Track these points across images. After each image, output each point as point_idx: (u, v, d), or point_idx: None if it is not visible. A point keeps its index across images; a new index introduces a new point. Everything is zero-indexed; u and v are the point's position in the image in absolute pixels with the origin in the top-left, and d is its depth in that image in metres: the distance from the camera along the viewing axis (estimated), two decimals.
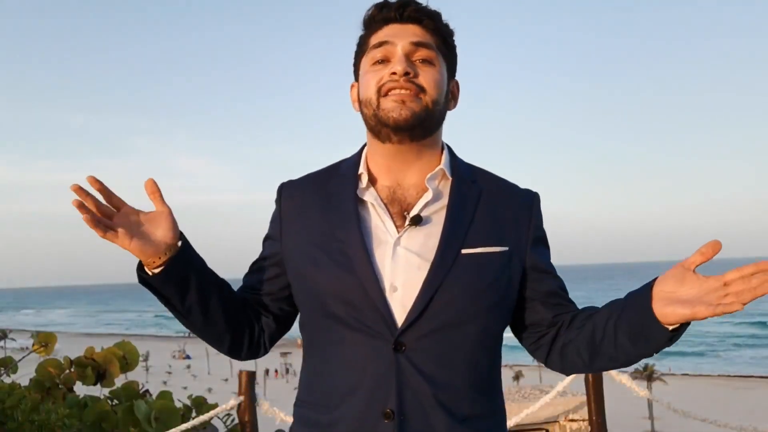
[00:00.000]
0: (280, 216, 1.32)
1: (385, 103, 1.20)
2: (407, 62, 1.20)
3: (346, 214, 1.23)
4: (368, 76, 1.23)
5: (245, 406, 3.29)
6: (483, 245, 1.21)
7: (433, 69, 1.22)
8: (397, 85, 1.19)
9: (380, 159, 1.26)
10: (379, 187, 1.26)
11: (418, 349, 1.15)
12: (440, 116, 1.25)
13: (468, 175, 1.28)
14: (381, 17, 1.25)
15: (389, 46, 1.22)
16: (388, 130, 1.20)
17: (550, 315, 1.26)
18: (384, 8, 1.26)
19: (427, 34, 1.24)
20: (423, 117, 1.20)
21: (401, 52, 1.21)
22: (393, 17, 1.24)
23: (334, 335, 1.20)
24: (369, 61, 1.24)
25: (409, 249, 1.20)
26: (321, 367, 1.23)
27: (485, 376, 1.22)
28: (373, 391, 1.16)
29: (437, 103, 1.22)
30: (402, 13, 1.24)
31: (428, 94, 1.20)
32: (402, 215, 1.22)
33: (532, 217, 1.28)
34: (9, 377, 3.68)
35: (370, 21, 1.27)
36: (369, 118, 1.23)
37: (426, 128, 1.22)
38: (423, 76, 1.21)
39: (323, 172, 1.34)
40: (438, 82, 1.22)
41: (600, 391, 3.38)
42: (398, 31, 1.23)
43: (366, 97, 1.23)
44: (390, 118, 1.19)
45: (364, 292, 1.17)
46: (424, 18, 1.24)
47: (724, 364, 53.90)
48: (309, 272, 1.22)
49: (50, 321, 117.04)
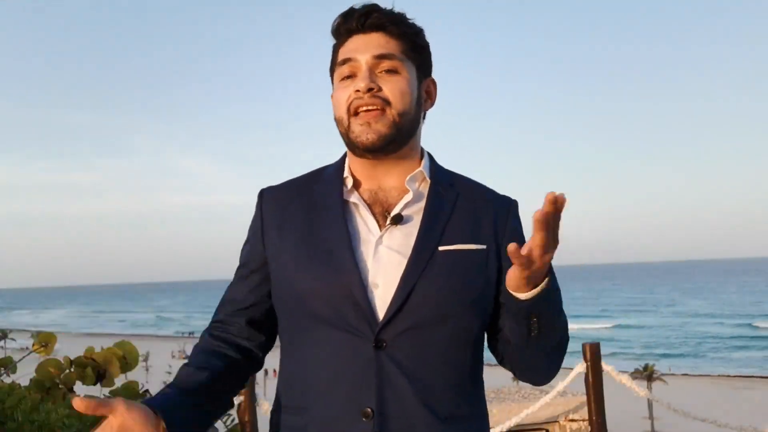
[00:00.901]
0: (261, 220, 1.32)
1: (354, 126, 1.22)
2: (370, 77, 1.21)
3: (333, 215, 1.24)
4: (338, 93, 1.25)
5: (245, 406, 3.29)
6: (460, 242, 1.22)
7: (398, 77, 1.23)
8: (362, 102, 1.21)
9: (360, 167, 1.29)
10: (362, 189, 1.28)
11: (398, 346, 1.16)
12: (411, 125, 1.26)
13: (446, 179, 1.31)
14: (345, 29, 1.26)
15: (354, 63, 1.23)
16: (360, 150, 1.23)
17: None
18: (347, 18, 1.26)
19: (392, 40, 1.24)
20: (391, 136, 1.22)
21: (365, 66, 1.22)
22: (355, 28, 1.25)
23: (314, 335, 1.20)
24: (338, 77, 1.26)
25: (390, 247, 1.21)
26: (298, 369, 1.23)
27: (466, 376, 1.22)
28: (351, 389, 1.15)
29: (404, 114, 1.23)
30: (364, 23, 1.24)
31: (393, 107, 1.22)
32: (384, 215, 1.24)
33: (509, 221, 1.29)
34: (8, 377, 3.68)
35: (337, 32, 1.28)
36: (342, 136, 1.26)
37: (398, 142, 1.24)
38: (387, 87, 1.22)
39: (306, 177, 1.35)
40: (403, 90, 1.23)
41: (600, 391, 3.39)
42: (361, 45, 1.24)
43: (338, 116, 1.25)
44: (359, 142, 1.21)
45: (347, 290, 1.17)
46: (388, 24, 1.24)
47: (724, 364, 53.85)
48: (292, 272, 1.23)
49: (50, 321, 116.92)
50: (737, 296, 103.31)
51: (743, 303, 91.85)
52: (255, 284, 1.31)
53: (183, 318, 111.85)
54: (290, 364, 1.26)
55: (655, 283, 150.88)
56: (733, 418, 3.42)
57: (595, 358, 3.35)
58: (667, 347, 62.53)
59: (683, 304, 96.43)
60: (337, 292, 1.18)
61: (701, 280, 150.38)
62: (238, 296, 1.32)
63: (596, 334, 63.73)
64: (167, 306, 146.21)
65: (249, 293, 1.31)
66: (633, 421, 33.61)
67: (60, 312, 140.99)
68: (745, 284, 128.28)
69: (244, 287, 1.32)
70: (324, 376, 1.18)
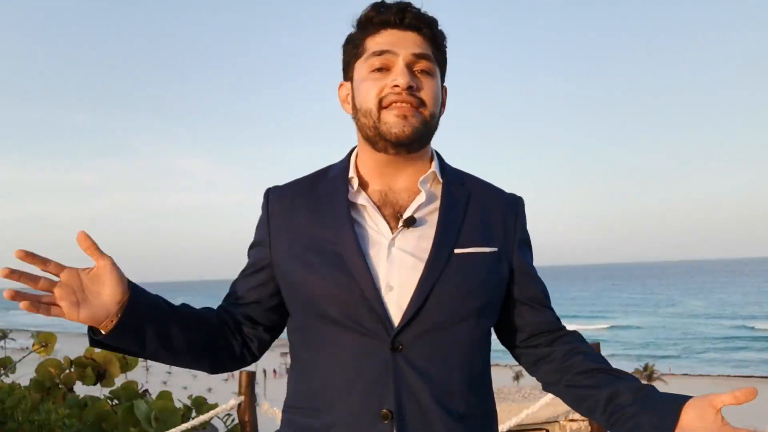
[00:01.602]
0: (268, 221, 1.30)
1: (387, 117, 1.19)
2: (410, 75, 1.19)
3: (339, 217, 1.23)
4: (367, 84, 1.21)
5: (245, 406, 3.29)
6: (474, 245, 1.22)
7: (433, 81, 1.22)
8: (398, 99, 1.18)
9: (372, 165, 1.26)
10: (371, 190, 1.26)
11: (414, 348, 1.15)
12: (436, 128, 1.26)
13: (457, 179, 1.30)
14: (379, 20, 1.22)
15: (390, 56, 1.20)
16: (386, 143, 1.20)
17: (536, 320, 1.29)
18: (382, 10, 1.22)
19: (426, 43, 1.23)
20: (423, 132, 1.21)
21: (403, 63, 1.19)
22: (392, 22, 1.21)
23: (328, 337, 1.19)
24: (367, 67, 1.22)
25: (403, 250, 1.20)
26: (312, 371, 1.22)
27: (479, 375, 1.23)
28: (369, 391, 1.15)
29: (434, 116, 1.23)
30: (402, 19, 1.21)
31: (428, 108, 1.21)
32: (395, 217, 1.23)
33: (518, 220, 1.30)
34: (8, 377, 3.68)
35: (367, 22, 1.24)
36: (368, 128, 1.22)
37: (423, 142, 1.24)
38: (424, 89, 1.20)
39: (311, 177, 1.34)
40: (436, 94, 1.23)
41: None
42: (399, 40, 1.21)
43: (365, 108, 1.21)
44: (392, 133, 1.18)
45: (360, 293, 1.16)
46: (423, 26, 1.22)
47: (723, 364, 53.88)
48: (302, 275, 1.21)
49: (50, 321, 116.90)
50: (737, 297, 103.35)
51: (742, 303, 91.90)
52: (257, 283, 1.30)
53: None
54: (303, 365, 1.24)
55: (654, 283, 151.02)
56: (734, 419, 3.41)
57: None
58: (666, 347, 62.58)
59: (683, 304, 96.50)
60: (349, 296, 1.17)
61: (701, 280, 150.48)
62: (238, 292, 1.32)
63: (596, 334, 63.82)
64: None
65: (250, 290, 1.30)
66: None
67: None
68: (745, 285, 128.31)
69: (246, 284, 1.31)
70: (341, 379, 1.17)
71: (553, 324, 1.30)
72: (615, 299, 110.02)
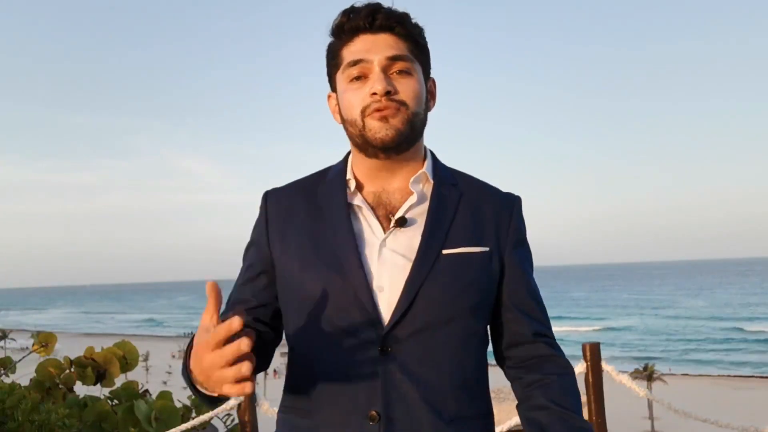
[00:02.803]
0: (267, 221, 1.30)
1: (370, 123, 1.19)
2: (386, 80, 1.19)
3: (337, 218, 1.23)
4: (348, 95, 1.22)
5: (245, 406, 3.29)
6: (464, 245, 1.22)
7: (411, 79, 1.21)
8: (378, 106, 1.18)
9: (365, 169, 1.27)
10: (366, 192, 1.27)
11: (403, 349, 1.15)
12: (421, 126, 1.25)
13: (449, 179, 1.30)
14: (350, 27, 1.22)
15: (365, 64, 1.20)
16: (375, 149, 1.21)
17: (515, 328, 1.27)
18: (352, 16, 1.21)
19: (401, 41, 1.22)
20: (407, 133, 1.20)
21: (378, 68, 1.19)
22: (363, 26, 1.21)
23: (320, 338, 1.19)
24: (345, 78, 1.22)
25: (394, 250, 1.20)
26: (305, 372, 1.22)
27: (471, 377, 1.22)
28: (357, 393, 1.15)
29: (417, 114, 1.22)
30: (372, 23, 1.21)
31: (409, 108, 1.20)
32: (388, 218, 1.23)
33: (512, 220, 1.29)
34: (8, 377, 3.68)
35: (339, 30, 1.24)
36: (355, 137, 1.23)
37: (410, 141, 1.23)
38: (402, 89, 1.20)
39: (309, 179, 1.34)
40: (417, 92, 1.22)
41: (600, 391, 3.38)
42: (371, 45, 1.20)
43: (351, 118, 1.22)
44: (377, 139, 1.19)
45: (353, 294, 1.17)
46: (395, 25, 1.22)
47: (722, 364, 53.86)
48: (298, 275, 1.22)
49: (50, 321, 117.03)
50: (737, 297, 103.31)
51: (742, 304, 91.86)
52: (263, 286, 1.29)
53: (183, 318, 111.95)
54: (296, 366, 1.25)
55: (655, 283, 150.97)
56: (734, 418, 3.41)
57: (595, 358, 3.35)
58: (666, 347, 62.55)
59: (683, 304, 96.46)
60: (342, 296, 1.17)
61: (701, 280, 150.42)
62: (244, 297, 1.30)
63: (596, 335, 63.78)
64: (167, 306, 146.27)
65: (257, 294, 1.29)
66: (633, 421, 33.62)
67: (59, 312, 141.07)
68: (745, 285, 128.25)
69: (252, 289, 1.30)
70: (330, 380, 1.18)
71: (528, 336, 1.26)
72: (615, 299, 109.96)
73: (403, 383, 1.14)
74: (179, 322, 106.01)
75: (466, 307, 1.19)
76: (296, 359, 1.25)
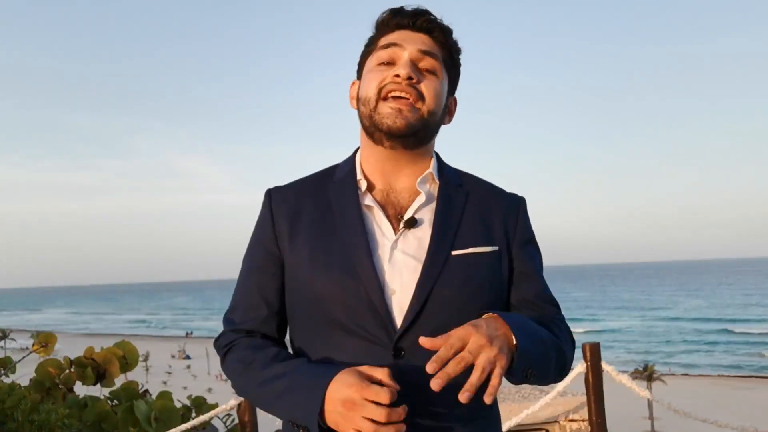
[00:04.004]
0: (272, 219, 1.28)
1: (382, 108, 1.20)
2: (412, 67, 1.21)
3: (349, 219, 1.22)
4: (371, 74, 1.24)
5: (245, 406, 3.29)
6: (473, 246, 1.22)
7: (436, 80, 1.23)
8: (398, 88, 1.19)
9: (374, 161, 1.27)
10: (375, 192, 1.27)
11: (417, 352, 1.14)
12: (435, 127, 1.26)
13: (455, 179, 1.30)
14: (394, 22, 1.27)
15: (397, 49, 1.23)
16: (381, 134, 1.21)
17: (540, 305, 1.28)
18: (398, 14, 1.26)
19: (436, 45, 1.25)
20: (418, 127, 1.21)
21: (408, 56, 1.22)
22: (406, 24, 1.26)
23: (331, 341, 1.18)
24: (375, 60, 1.25)
25: (405, 252, 1.20)
26: None
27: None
28: None
29: (434, 114, 1.23)
30: (415, 21, 1.25)
31: (426, 104, 1.21)
32: (397, 218, 1.23)
33: (519, 220, 1.29)
34: (8, 377, 3.68)
35: (383, 24, 1.28)
36: (365, 117, 1.24)
37: (420, 138, 1.23)
38: (425, 84, 1.21)
39: (315, 177, 1.33)
40: (438, 93, 1.23)
41: (600, 391, 3.38)
42: (408, 37, 1.24)
43: (365, 96, 1.23)
44: (384, 124, 1.20)
45: (366, 296, 1.16)
46: (436, 30, 1.26)
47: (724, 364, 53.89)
48: (308, 275, 1.20)
49: (50, 321, 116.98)
50: (737, 297, 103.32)
51: (742, 304, 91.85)
52: (272, 289, 1.27)
53: (183, 318, 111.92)
54: None
55: (655, 283, 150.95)
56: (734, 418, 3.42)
57: (595, 358, 3.35)
58: (666, 347, 62.54)
59: (683, 304, 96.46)
60: (355, 298, 1.16)
61: (701, 280, 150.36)
62: (253, 303, 1.28)
63: (596, 335, 63.77)
64: (167, 306, 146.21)
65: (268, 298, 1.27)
66: (633, 421, 33.61)
67: (59, 312, 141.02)
68: (744, 285, 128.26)
69: (261, 293, 1.27)
70: None
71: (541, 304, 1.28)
72: (615, 299, 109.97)
73: (416, 386, 1.13)
74: (179, 322, 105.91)
75: (478, 308, 1.19)
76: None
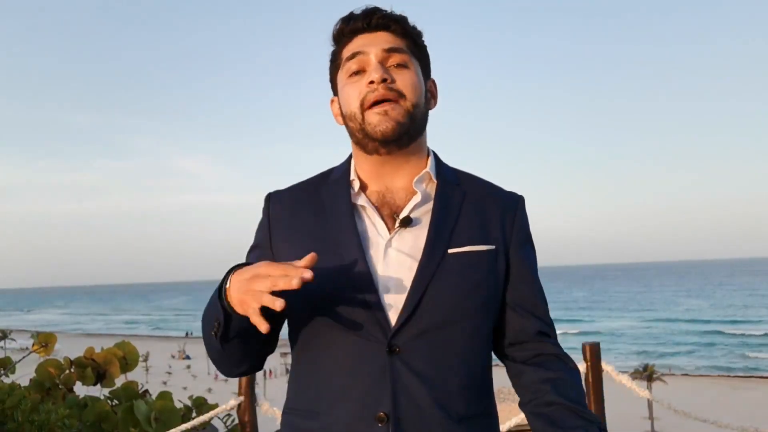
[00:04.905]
0: (269, 223, 1.30)
1: (370, 117, 1.20)
2: (383, 69, 1.21)
3: (342, 219, 1.23)
4: (347, 89, 1.24)
5: (245, 406, 3.29)
6: (469, 244, 1.22)
7: (409, 72, 1.23)
8: (377, 95, 1.19)
9: (368, 168, 1.27)
10: (370, 192, 1.27)
11: (411, 350, 1.15)
12: (422, 119, 1.26)
13: (452, 178, 1.30)
14: (349, 30, 1.26)
15: (362, 56, 1.23)
16: (376, 143, 1.22)
17: (518, 326, 1.27)
18: (350, 20, 1.26)
19: (397, 38, 1.25)
20: (407, 125, 1.21)
21: (375, 60, 1.22)
22: (361, 27, 1.25)
23: (327, 339, 1.19)
24: (345, 73, 1.25)
25: (400, 250, 1.20)
26: (311, 373, 1.22)
27: (478, 375, 1.22)
28: (365, 394, 1.15)
29: (417, 106, 1.23)
30: (369, 22, 1.25)
31: (408, 99, 1.21)
32: (392, 218, 1.23)
33: (516, 219, 1.29)
34: (8, 377, 3.68)
35: (340, 35, 1.28)
36: (356, 131, 1.24)
37: (411, 135, 1.23)
38: (400, 80, 1.22)
39: (312, 180, 1.34)
40: (415, 84, 1.23)
41: (600, 391, 3.38)
42: (368, 41, 1.24)
43: (350, 112, 1.23)
44: (377, 132, 1.20)
45: (360, 294, 1.16)
46: (392, 24, 1.25)
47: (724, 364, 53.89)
48: None
49: (50, 321, 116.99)
50: (737, 297, 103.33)
51: (743, 304, 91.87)
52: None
53: (183, 318, 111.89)
54: (302, 367, 1.24)
55: (655, 283, 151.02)
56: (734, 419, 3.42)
57: (595, 358, 3.35)
58: (666, 348, 62.56)
59: (683, 304, 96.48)
60: (349, 297, 1.17)
61: (701, 280, 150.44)
62: None
63: (596, 335, 63.79)
64: (167, 306, 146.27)
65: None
66: (633, 421, 33.61)
67: (59, 312, 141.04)
68: (745, 285, 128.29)
69: None
70: (337, 381, 1.17)
71: (532, 335, 1.27)
72: (615, 299, 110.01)
73: (411, 384, 1.14)
74: (179, 322, 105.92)
75: (472, 306, 1.19)
76: (302, 360, 1.24)
